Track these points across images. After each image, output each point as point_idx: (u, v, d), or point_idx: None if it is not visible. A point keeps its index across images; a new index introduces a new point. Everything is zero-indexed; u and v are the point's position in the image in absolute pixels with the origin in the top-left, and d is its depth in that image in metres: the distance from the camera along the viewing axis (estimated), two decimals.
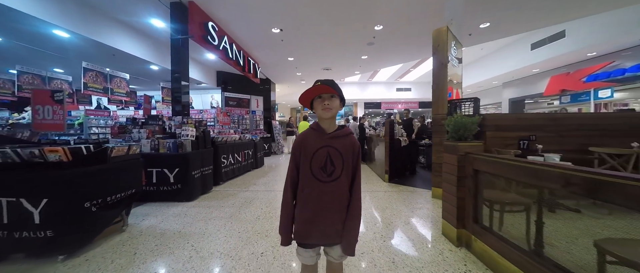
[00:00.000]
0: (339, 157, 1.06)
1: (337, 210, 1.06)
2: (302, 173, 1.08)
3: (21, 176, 1.88)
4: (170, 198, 3.50)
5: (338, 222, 1.06)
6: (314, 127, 1.12)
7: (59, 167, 1.92)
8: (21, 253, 2.00)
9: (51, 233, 1.91)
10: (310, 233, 1.07)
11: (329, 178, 1.05)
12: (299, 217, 1.08)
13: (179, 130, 3.83)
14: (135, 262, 1.97)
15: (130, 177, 2.52)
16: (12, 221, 1.89)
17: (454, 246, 2.15)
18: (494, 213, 2.03)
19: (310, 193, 1.06)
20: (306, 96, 1.05)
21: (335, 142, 1.07)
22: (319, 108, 1.05)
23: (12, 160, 1.89)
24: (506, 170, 1.67)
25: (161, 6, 4.51)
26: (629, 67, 7.20)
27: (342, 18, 5.16)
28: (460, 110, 3.41)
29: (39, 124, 2.27)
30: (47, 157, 1.88)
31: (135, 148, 2.56)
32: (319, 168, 1.05)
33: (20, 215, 1.88)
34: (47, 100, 2.28)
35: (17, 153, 1.86)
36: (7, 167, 1.90)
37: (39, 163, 1.91)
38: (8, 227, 1.90)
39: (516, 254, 1.59)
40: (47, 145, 2.04)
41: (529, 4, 4.79)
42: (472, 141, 2.14)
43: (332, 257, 1.12)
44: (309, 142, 1.09)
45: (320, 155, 1.05)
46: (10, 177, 1.88)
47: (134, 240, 2.36)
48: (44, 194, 1.88)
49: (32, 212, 1.88)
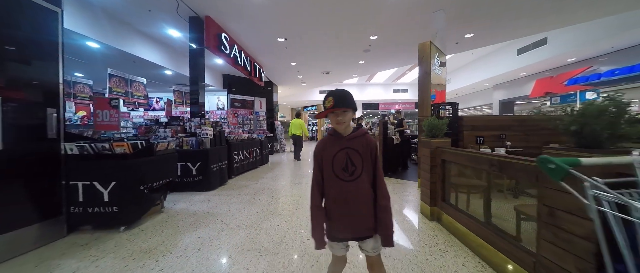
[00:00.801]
0: (358, 156, 1.14)
1: (362, 206, 1.12)
2: (326, 176, 1.16)
3: (95, 164, 2.46)
4: (193, 188, 4.08)
5: (364, 217, 1.13)
6: (332, 132, 1.20)
7: (123, 157, 2.50)
8: (90, 225, 2.57)
9: (116, 209, 2.48)
10: (340, 230, 1.15)
11: (351, 178, 1.12)
12: (330, 216, 1.16)
13: (198, 130, 4.40)
14: (180, 232, 2.54)
15: (168, 168, 3.10)
16: (86, 199, 2.46)
17: (428, 220, 2.74)
18: (459, 195, 2.63)
19: (336, 193, 1.13)
20: (321, 115, 1.18)
21: (352, 144, 1.15)
22: (333, 121, 1.16)
23: (87, 153, 2.46)
24: (460, 158, 2.27)
25: (180, 19, 5.07)
26: (603, 72, 7.85)
27: (340, 29, 5.75)
28: (444, 111, 4.02)
29: (99, 124, 2.84)
30: (115, 150, 2.45)
31: (172, 145, 3.14)
32: (341, 169, 1.13)
33: (93, 195, 2.46)
34: (106, 106, 2.85)
35: (92, 147, 2.43)
36: (84, 158, 2.47)
37: (107, 155, 2.48)
38: (83, 204, 2.47)
39: (472, 223, 2.16)
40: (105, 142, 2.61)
41: (507, 17, 5.39)
42: (442, 138, 2.73)
43: (366, 250, 1.17)
44: (328, 147, 1.17)
45: (341, 158, 1.14)
46: (87, 165, 2.45)
47: (173, 218, 2.94)
48: (112, 178, 2.45)
49: (102, 192, 2.46)
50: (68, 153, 2.44)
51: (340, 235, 1.15)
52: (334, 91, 1.13)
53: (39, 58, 2.28)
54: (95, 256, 2.06)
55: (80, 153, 2.45)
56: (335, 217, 1.14)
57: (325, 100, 1.13)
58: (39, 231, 2.22)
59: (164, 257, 2.03)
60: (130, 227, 2.61)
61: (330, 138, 1.19)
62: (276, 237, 2.40)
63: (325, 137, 1.22)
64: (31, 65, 2.22)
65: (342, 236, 1.15)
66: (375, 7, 4.72)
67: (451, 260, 1.95)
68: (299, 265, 1.90)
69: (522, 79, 11.14)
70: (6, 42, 2.05)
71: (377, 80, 16.85)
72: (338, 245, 1.18)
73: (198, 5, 4.61)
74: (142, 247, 2.21)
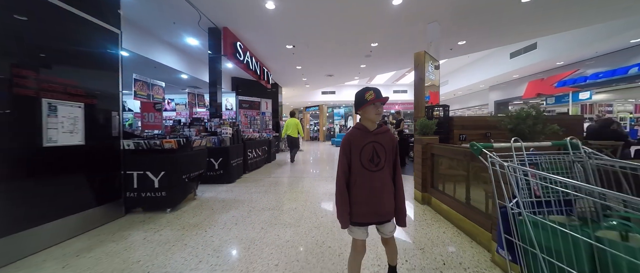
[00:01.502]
0: (382, 149, 1.27)
1: (386, 193, 1.27)
2: (353, 166, 1.28)
3: (148, 157, 3.01)
4: (215, 181, 4.63)
5: (387, 203, 1.28)
6: (359, 127, 1.33)
7: (170, 152, 3.06)
8: (141, 206, 3.12)
9: (164, 194, 3.04)
10: (365, 214, 1.27)
11: (376, 168, 1.26)
12: (355, 201, 1.27)
13: (219, 129, 4.96)
14: (216, 213, 3.10)
15: (201, 161, 3.66)
16: (140, 186, 3.02)
17: (419, 203, 3.30)
18: (446, 183, 3.17)
19: (363, 181, 1.25)
20: (365, 105, 1.27)
21: (379, 138, 1.28)
22: (372, 112, 1.27)
23: (141, 148, 3.01)
24: (444, 151, 2.82)
25: (199, 29, 5.63)
26: (589, 75, 8.39)
27: (344, 37, 6.30)
28: (438, 112, 4.56)
29: (146, 124, 3.40)
30: (164, 146, 3.01)
31: (203, 142, 3.69)
32: (368, 161, 1.25)
33: (146, 182, 3.01)
34: (151, 109, 3.40)
35: (146, 143, 2.99)
36: (138, 152, 3.03)
37: (157, 149, 3.04)
38: (137, 190, 3.02)
39: (454, 203, 2.70)
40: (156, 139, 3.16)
41: (496, 27, 5.93)
42: (432, 136, 3.28)
43: (384, 233, 1.34)
44: (356, 140, 1.29)
45: (368, 150, 1.26)
46: (141, 157, 3.01)
47: (206, 203, 3.49)
48: (162, 168, 3.00)
49: (154, 179, 3.01)
50: (125, 148, 3.00)
51: (365, 219, 1.28)
52: (372, 87, 1.29)
53: (105, 70, 2.83)
54: (155, 229, 2.62)
55: (136, 148, 3.01)
56: (361, 202, 1.26)
57: (366, 94, 1.27)
58: (105, 210, 2.77)
59: (210, 229, 2.59)
60: (175, 209, 3.16)
61: (357, 132, 1.31)
62: (295, 216, 2.95)
63: (353, 131, 1.33)
64: (100, 77, 2.78)
65: (366, 220, 1.28)
66: (377, 18, 5.27)
67: (435, 230, 2.50)
68: (317, 234, 2.45)
69: (515, 80, 11.68)
70: (82, 59, 2.60)
71: (378, 81, 17.38)
72: (360, 230, 1.31)
73: (217, 17, 5.17)
74: (190, 222, 2.77)
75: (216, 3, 4.53)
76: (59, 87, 2.30)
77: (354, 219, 1.28)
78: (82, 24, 2.54)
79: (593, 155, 1.16)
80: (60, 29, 2.35)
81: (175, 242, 2.30)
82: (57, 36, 2.33)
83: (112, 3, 2.93)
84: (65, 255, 2.07)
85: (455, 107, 17.40)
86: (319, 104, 19.38)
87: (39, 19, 2.17)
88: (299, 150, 10.46)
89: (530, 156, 1.18)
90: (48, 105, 2.19)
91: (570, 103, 9.86)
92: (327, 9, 4.84)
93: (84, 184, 2.57)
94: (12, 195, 1.99)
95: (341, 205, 1.28)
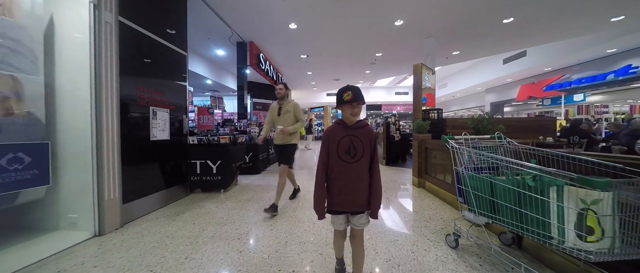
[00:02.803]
0: (359, 143, 1.35)
1: (361, 183, 1.33)
2: (331, 158, 1.36)
3: (207, 149, 3.94)
4: (246, 172, 5.55)
5: (362, 193, 1.34)
6: (339, 122, 1.41)
7: (224, 146, 3.98)
8: (200, 188, 4.05)
9: (220, 178, 3.96)
10: (340, 203, 1.35)
11: (352, 160, 1.33)
12: (332, 191, 1.36)
13: (248, 129, 5.89)
14: (258, 193, 4.01)
15: (242, 154, 4.59)
16: (201, 171, 3.94)
17: (416, 187, 4.20)
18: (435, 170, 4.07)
19: (339, 171, 1.34)
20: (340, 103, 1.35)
21: (356, 132, 1.36)
22: (347, 112, 1.34)
23: (203, 142, 3.94)
24: (432, 145, 3.72)
25: (227, 43, 6.57)
26: (573, 80, 9.24)
27: (352, 49, 7.22)
28: (434, 114, 5.45)
29: (201, 124, 4.33)
30: (220, 141, 3.94)
31: (243, 139, 4.62)
32: (345, 152, 1.33)
33: (206, 168, 3.94)
34: (205, 112, 4.33)
35: (207, 139, 3.92)
36: (201, 146, 3.96)
37: (215, 144, 3.97)
38: (199, 175, 3.95)
39: (441, 183, 3.60)
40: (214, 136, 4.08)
41: (486, 40, 6.81)
42: (425, 134, 4.18)
43: (355, 224, 1.38)
44: (335, 133, 1.38)
45: (345, 142, 1.34)
46: (203, 150, 3.94)
47: (246, 187, 4.41)
48: (219, 158, 3.93)
49: (212, 167, 3.94)
50: (190, 142, 3.93)
51: (340, 208, 1.36)
52: (351, 86, 1.33)
53: (179, 83, 3.76)
54: (220, 201, 3.53)
55: (199, 142, 3.94)
56: (337, 192, 1.34)
57: (344, 94, 1.33)
58: (177, 190, 3.69)
59: (260, 201, 3.51)
60: (226, 190, 4.09)
61: (337, 127, 1.40)
62: None
63: (333, 125, 1.42)
64: (176, 89, 3.70)
65: (341, 209, 1.36)
66: (381, 35, 6.18)
67: (427, 202, 3.41)
68: None
69: (509, 84, 12.54)
70: (167, 76, 3.52)
71: (380, 84, 18.29)
72: (338, 219, 1.40)
73: (246, 34, 6.10)
74: (243, 198, 3.69)
75: (249, 23, 5.47)
76: (157, 98, 3.23)
77: (330, 207, 1.38)
78: (167, 50, 3.47)
79: (510, 142, 2.07)
80: (156, 56, 3.28)
81: (240, 208, 3.22)
82: (156, 61, 3.26)
83: (182, 31, 3.86)
84: (168, 216, 2.99)
85: (454, 108, 18.26)
86: (324, 105, 20.31)
87: (147, 51, 3.10)
88: (305, 148, 11.21)
89: (474, 143, 2.09)
90: (152, 111, 3.12)
91: (563, 104, 10.71)
92: (338, 28, 5.75)
93: (168, 169, 3.49)
94: (135, 172, 2.91)
95: (318, 196, 1.37)
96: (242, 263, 1.89)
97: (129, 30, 2.79)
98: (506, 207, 1.58)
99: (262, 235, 2.40)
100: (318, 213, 1.37)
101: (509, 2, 4.65)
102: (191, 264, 1.89)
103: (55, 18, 2.45)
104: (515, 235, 2.09)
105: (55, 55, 2.44)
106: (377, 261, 1.91)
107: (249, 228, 2.56)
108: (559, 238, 1.28)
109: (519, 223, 1.50)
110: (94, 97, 2.42)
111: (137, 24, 2.90)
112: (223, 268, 1.84)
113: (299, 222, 2.72)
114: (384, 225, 2.64)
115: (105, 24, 2.48)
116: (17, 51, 2.16)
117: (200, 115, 4.33)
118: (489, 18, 5.35)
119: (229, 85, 9.83)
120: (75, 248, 2.16)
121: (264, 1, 4.51)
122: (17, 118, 2.14)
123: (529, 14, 5.12)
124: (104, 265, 1.88)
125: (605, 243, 1.20)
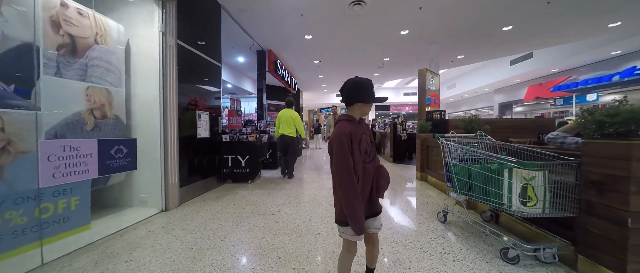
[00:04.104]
0: (369, 139, 1.30)
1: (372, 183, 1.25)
2: (355, 161, 1.17)
3: (238, 146, 4.62)
4: (266, 167, 6.23)
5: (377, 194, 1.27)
6: (350, 119, 1.25)
7: (252, 144, 4.66)
8: (231, 179, 4.74)
9: (248, 171, 4.64)
10: (364, 209, 1.20)
11: (369, 159, 1.24)
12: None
13: (268, 129, 6.56)
14: (280, 184, 4.65)
15: (265, 150, 5.25)
16: (232, 165, 4.63)
17: (418, 180, 4.73)
18: (436, 165, 4.58)
19: (364, 175, 1.20)
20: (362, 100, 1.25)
21: (366, 128, 1.30)
22: (366, 109, 1.28)
23: (234, 140, 4.63)
24: (432, 143, 4.25)
25: (248, 51, 7.28)
26: (580, 81, 9.41)
27: (362, 54, 7.78)
28: (438, 114, 5.94)
29: (231, 125, 5.03)
30: (248, 139, 4.61)
31: (264, 138, 5.29)
32: (364, 153, 1.22)
33: (236, 162, 4.62)
34: (234, 115, 5.03)
35: (238, 138, 4.60)
36: (232, 143, 4.64)
37: (244, 142, 4.65)
38: (230, 168, 4.64)
39: (440, 176, 4.12)
40: (242, 134, 4.76)
41: (488, 44, 7.21)
42: (427, 133, 4.70)
43: (376, 227, 1.28)
44: (353, 131, 1.20)
45: (364, 140, 1.24)
46: (234, 146, 4.62)
47: (268, 180, 5.06)
48: (247, 153, 4.61)
49: (241, 161, 4.62)
50: (223, 140, 4.62)
51: (368, 212, 1.23)
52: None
53: (215, 90, 4.46)
54: (249, 190, 4.20)
55: (231, 140, 4.63)
56: (366, 198, 1.22)
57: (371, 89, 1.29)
58: (212, 181, 4.38)
59: (284, 190, 4.14)
60: (252, 181, 4.76)
61: (350, 124, 1.23)
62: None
63: (345, 123, 1.23)
64: (213, 95, 4.40)
65: (366, 215, 1.21)
66: (388, 42, 6.71)
67: (428, 192, 3.94)
68: None
69: (516, 85, 12.71)
70: (206, 84, 4.22)
71: (389, 85, 18.68)
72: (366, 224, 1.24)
73: (265, 43, 6.78)
74: (269, 187, 4.35)
75: (269, 35, 6.14)
76: (201, 104, 3.93)
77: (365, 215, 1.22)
78: (207, 63, 4.17)
79: (489, 138, 2.61)
80: (200, 69, 3.98)
81: (267, 195, 3.87)
82: (200, 73, 3.96)
83: (218, 46, 4.56)
84: (212, 199, 3.67)
85: (464, 109, 18.40)
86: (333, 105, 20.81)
87: (195, 65, 3.80)
88: (315, 147, 11.92)
89: (460, 139, 2.64)
90: (198, 114, 3.82)
91: (574, 105, 10.82)
92: (349, 37, 6.34)
93: (207, 162, 4.19)
94: (186, 163, 3.61)
95: (358, 209, 1.13)
96: (280, 228, 2.52)
97: (183, 50, 3.49)
98: (477, 186, 2.14)
99: (291, 212, 3.03)
100: (358, 229, 1.14)
101: (504, 13, 5.09)
102: (243, 228, 2.54)
103: (131, 42, 3.17)
104: (494, 213, 2.62)
105: (131, 70, 3.16)
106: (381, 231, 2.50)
107: (278, 208, 3.19)
108: (508, 204, 1.84)
109: (485, 196, 2.05)
110: (162, 103, 3.12)
111: (189, 44, 3.60)
112: (267, 230, 2.47)
113: (319, 204, 3.33)
114: (386, 209, 3.22)
115: (169, 46, 3.18)
116: (110, 70, 2.88)
117: (231, 117, 5.02)
118: (488, 27, 5.79)
119: (246, 88, 10.60)
120: (151, 219, 2.86)
121: (285, 17, 5.15)
122: (108, 120, 2.86)
123: (525, 21, 5.53)
124: (179, 228, 2.56)
125: (539, 206, 1.75)
